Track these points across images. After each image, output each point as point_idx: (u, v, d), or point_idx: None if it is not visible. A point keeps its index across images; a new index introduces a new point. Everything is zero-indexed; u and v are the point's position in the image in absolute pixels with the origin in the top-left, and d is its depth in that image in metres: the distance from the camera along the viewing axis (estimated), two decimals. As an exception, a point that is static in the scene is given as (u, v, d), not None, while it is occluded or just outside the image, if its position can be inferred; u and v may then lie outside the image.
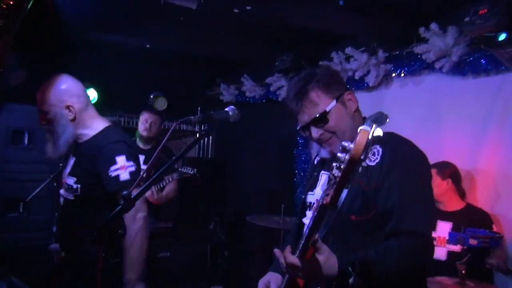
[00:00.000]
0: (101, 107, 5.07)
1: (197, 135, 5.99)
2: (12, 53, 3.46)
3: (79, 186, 2.21)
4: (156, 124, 4.32)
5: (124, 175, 2.11)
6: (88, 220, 2.10)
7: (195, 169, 4.07)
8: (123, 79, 4.87)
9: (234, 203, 5.54)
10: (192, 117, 1.64)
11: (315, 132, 1.62)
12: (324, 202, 1.12)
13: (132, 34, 4.17)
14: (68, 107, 2.24)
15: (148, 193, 3.83)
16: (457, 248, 2.91)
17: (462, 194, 3.17)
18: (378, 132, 1.08)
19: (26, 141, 4.40)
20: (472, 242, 2.55)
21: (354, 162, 1.05)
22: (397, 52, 3.73)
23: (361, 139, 1.04)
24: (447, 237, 2.99)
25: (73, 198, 2.24)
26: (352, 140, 1.60)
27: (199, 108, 6.08)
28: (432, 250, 1.50)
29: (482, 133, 3.24)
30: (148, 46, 4.42)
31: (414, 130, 1.93)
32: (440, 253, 3.05)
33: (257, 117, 5.11)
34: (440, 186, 3.09)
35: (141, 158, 3.86)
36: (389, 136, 1.60)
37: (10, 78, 4.09)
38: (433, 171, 3.06)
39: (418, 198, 1.47)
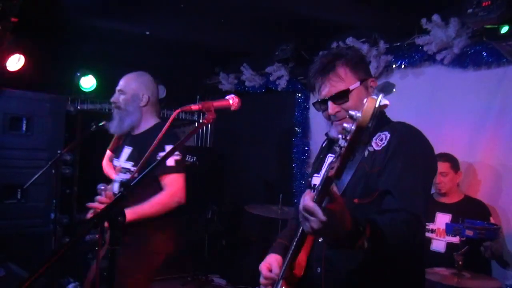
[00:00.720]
0: (100, 94, 5.10)
1: (196, 124, 5.97)
2: (10, 39, 3.44)
3: (135, 168, 2.49)
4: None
5: (170, 161, 2.40)
6: (144, 199, 2.40)
7: (195, 157, 4.07)
8: (122, 67, 4.79)
9: (232, 192, 5.55)
10: (192, 105, 1.63)
11: (332, 108, 1.60)
12: (329, 174, 1.10)
13: (132, 21, 4.14)
14: (143, 94, 2.63)
15: None
16: (456, 240, 2.94)
17: (459, 186, 3.20)
18: (385, 101, 1.07)
19: (24, 128, 4.38)
20: (469, 233, 2.56)
21: (361, 129, 1.03)
22: (398, 44, 3.71)
23: (368, 107, 1.02)
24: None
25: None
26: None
27: (198, 97, 6.06)
28: (422, 230, 1.52)
29: (482, 125, 3.25)
30: (147, 33, 4.39)
31: (414, 122, 1.90)
32: (439, 245, 3.07)
33: (256, 107, 5.10)
34: (453, 180, 3.13)
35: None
36: (399, 124, 1.62)
37: (8, 64, 4.07)
38: (447, 165, 3.09)
39: (416, 183, 1.47)
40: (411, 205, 1.41)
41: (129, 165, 2.57)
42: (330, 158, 1.71)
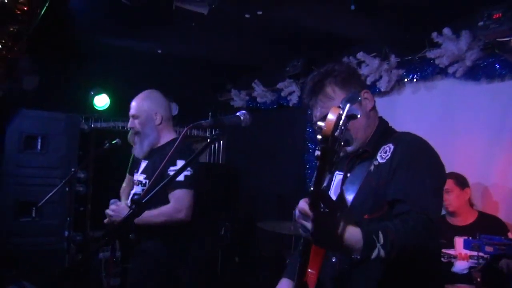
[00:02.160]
0: (113, 113, 5.16)
1: (208, 140, 6.00)
2: (26, 59, 3.51)
3: (147, 181, 2.58)
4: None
5: (180, 177, 2.32)
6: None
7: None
8: (135, 85, 4.87)
9: (244, 209, 5.52)
10: (203, 121, 1.64)
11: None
12: (311, 189, 1.12)
13: (144, 40, 4.20)
14: (156, 113, 2.68)
15: None
16: (477, 262, 2.83)
17: (471, 203, 3.10)
18: (354, 111, 1.10)
19: (39, 146, 4.45)
20: (488, 249, 2.49)
21: (326, 138, 1.05)
22: (409, 57, 3.69)
23: (330, 116, 1.06)
24: (468, 253, 2.90)
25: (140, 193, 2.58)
26: (366, 138, 1.60)
27: (209, 114, 6.10)
28: (436, 232, 1.46)
29: (497, 139, 3.18)
30: (159, 51, 4.45)
31: (426, 136, 1.88)
32: (461, 267, 2.95)
33: (268, 123, 5.11)
34: (459, 197, 3.00)
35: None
36: (403, 134, 1.60)
37: (24, 84, 4.15)
38: (451, 182, 2.99)
39: (426, 188, 1.43)
40: (421, 207, 1.37)
41: (142, 177, 2.65)
42: (338, 176, 1.68)
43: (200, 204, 2.65)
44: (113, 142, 3.37)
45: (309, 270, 1.50)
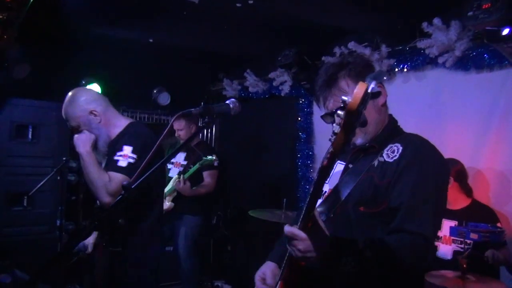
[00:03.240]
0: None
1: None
2: (16, 47, 3.48)
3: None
4: (183, 129, 4.32)
5: (122, 163, 2.28)
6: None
7: (214, 155, 4.24)
8: (126, 74, 4.87)
9: (236, 198, 5.55)
10: (192, 109, 1.65)
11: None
12: (323, 164, 1.13)
13: (135, 29, 4.18)
14: (91, 112, 2.43)
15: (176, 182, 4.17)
16: (462, 247, 2.90)
17: (468, 192, 3.12)
18: (378, 89, 1.13)
19: (30, 136, 4.43)
20: (473, 236, 2.55)
21: (351, 113, 1.06)
22: (400, 47, 3.71)
23: (358, 92, 1.06)
24: (452, 237, 2.97)
25: None
26: (375, 133, 1.62)
27: (202, 104, 6.09)
28: (431, 255, 1.51)
29: (486, 128, 3.23)
30: (151, 41, 4.43)
31: (417, 125, 1.91)
32: (445, 251, 3.03)
33: (260, 112, 5.12)
34: (452, 187, 3.06)
35: (183, 155, 4.45)
36: (412, 136, 1.62)
37: (14, 72, 4.12)
38: None
39: (429, 201, 1.46)
40: (420, 225, 1.40)
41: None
42: (339, 165, 1.70)
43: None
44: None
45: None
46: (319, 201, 1.69)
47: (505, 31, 2.74)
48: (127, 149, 2.30)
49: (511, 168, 3.09)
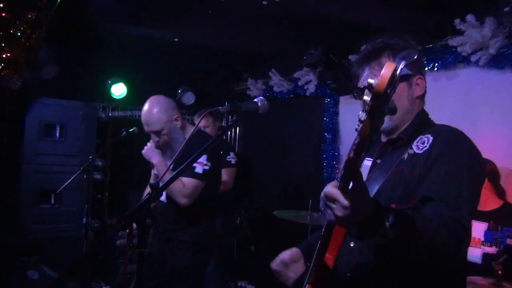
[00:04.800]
0: (130, 101, 5.18)
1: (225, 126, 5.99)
2: (44, 47, 3.53)
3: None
4: (209, 126, 4.32)
5: (198, 169, 2.57)
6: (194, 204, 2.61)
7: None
8: (151, 74, 4.91)
9: (261, 198, 5.52)
10: (220, 107, 1.62)
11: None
12: (350, 156, 1.03)
13: (161, 28, 4.19)
14: (176, 118, 2.70)
15: None
16: (492, 250, 2.79)
17: (500, 193, 3.02)
18: (406, 70, 1.02)
19: (57, 134, 4.50)
20: (510, 242, 2.44)
21: (379, 95, 0.95)
22: (431, 45, 3.61)
23: (386, 72, 0.96)
24: (482, 238, 2.87)
25: None
26: (403, 122, 1.54)
27: (226, 104, 6.07)
28: (467, 244, 1.38)
29: (521, 129, 3.11)
30: (176, 40, 4.43)
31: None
32: (475, 254, 2.92)
33: (284, 112, 5.07)
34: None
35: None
36: (443, 127, 1.53)
37: (43, 72, 4.19)
38: None
39: (463, 189, 1.34)
40: (455, 211, 1.29)
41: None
42: (366, 162, 1.60)
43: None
44: (130, 130, 3.40)
45: (326, 255, 1.47)
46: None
47: (544, 28, 2.63)
48: (203, 158, 2.57)
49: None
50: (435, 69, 3.61)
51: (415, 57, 1.10)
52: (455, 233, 1.26)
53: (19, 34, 2.98)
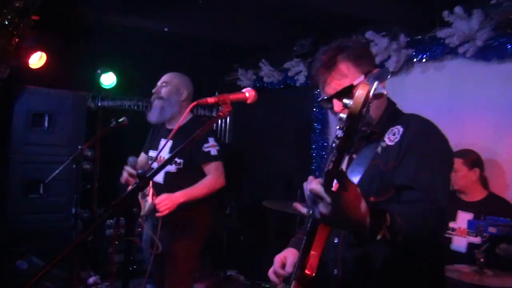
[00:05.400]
0: (120, 91, 5.15)
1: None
2: (32, 36, 3.50)
3: (182, 160, 2.83)
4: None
5: (213, 151, 2.82)
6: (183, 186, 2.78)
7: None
8: (141, 63, 4.88)
9: (250, 188, 5.55)
10: (208, 98, 1.63)
11: (337, 106, 1.55)
12: (329, 168, 1.06)
13: (151, 18, 4.16)
14: (183, 91, 2.96)
15: None
16: (477, 239, 2.85)
17: (484, 183, 3.09)
18: (382, 90, 1.04)
19: (46, 124, 4.47)
20: (492, 230, 2.49)
21: (353, 117, 0.99)
22: (419, 37, 3.63)
23: (360, 94, 0.99)
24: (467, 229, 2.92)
25: (175, 171, 2.84)
26: (374, 117, 1.56)
27: (216, 94, 6.05)
28: (446, 222, 1.44)
29: (506, 120, 3.15)
30: (166, 30, 4.41)
31: (435, 117, 1.86)
32: (460, 244, 2.99)
33: (274, 102, 5.08)
34: (466, 177, 3.02)
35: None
36: (412, 116, 1.57)
37: (30, 61, 4.14)
38: (458, 161, 3.00)
39: (436, 174, 1.41)
40: (432, 196, 1.35)
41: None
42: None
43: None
44: (120, 120, 3.39)
45: (312, 252, 1.50)
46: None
47: (530, 20, 2.66)
48: (212, 140, 2.83)
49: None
50: (423, 60, 3.64)
51: (389, 76, 1.13)
52: (438, 216, 1.32)
53: (6, 22, 2.95)
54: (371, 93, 1.00)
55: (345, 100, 1.03)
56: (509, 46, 3.05)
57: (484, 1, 2.79)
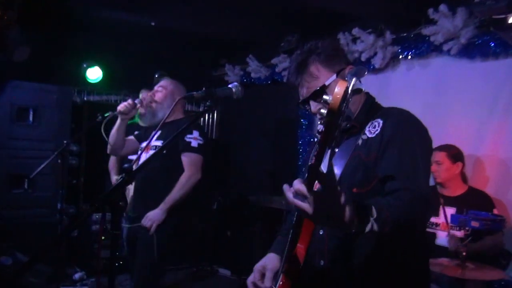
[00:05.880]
0: (106, 86, 5.11)
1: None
2: (16, 29, 3.45)
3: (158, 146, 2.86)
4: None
5: (194, 143, 2.86)
6: (161, 175, 2.85)
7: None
8: (128, 58, 4.85)
9: (237, 184, 5.56)
10: (195, 92, 1.63)
11: (314, 106, 1.60)
12: (311, 163, 1.10)
13: (137, 12, 4.14)
14: (176, 98, 2.96)
15: None
16: (460, 234, 2.90)
17: (464, 178, 3.15)
18: (358, 85, 1.09)
19: (31, 118, 4.42)
20: (474, 224, 2.54)
21: (333, 112, 1.04)
22: (405, 34, 3.68)
23: (339, 90, 1.04)
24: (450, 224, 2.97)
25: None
26: (353, 113, 1.60)
27: (203, 89, 6.05)
28: (430, 209, 1.48)
29: (489, 116, 3.22)
30: (153, 24, 4.38)
31: (420, 113, 1.88)
32: (443, 239, 3.04)
33: (261, 98, 5.09)
34: (450, 170, 3.05)
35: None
36: (391, 109, 1.60)
37: (15, 55, 4.08)
38: (442, 154, 3.04)
39: (418, 163, 1.44)
40: (415, 184, 1.39)
41: (158, 143, 2.90)
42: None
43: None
44: (106, 115, 3.35)
45: (298, 244, 1.51)
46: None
47: (512, 19, 2.71)
48: (196, 133, 2.86)
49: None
50: (409, 57, 3.69)
51: (366, 73, 1.18)
52: (423, 202, 1.37)
53: (-11, 15, 2.90)
54: (349, 89, 1.04)
55: (325, 97, 1.08)
56: (492, 44, 3.11)
57: (468, -1, 2.84)
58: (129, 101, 2.91)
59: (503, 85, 3.15)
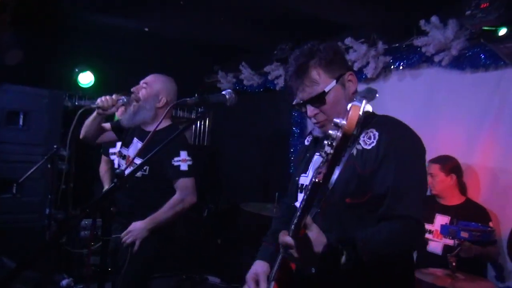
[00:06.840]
0: (98, 91, 5.08)
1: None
2: (9, 32, 3.43)
3: (148, 167, 2.59)
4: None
5: (184, 167, 2.57)
6: (153, 196, 2.59)
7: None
8: (120, 63, 4.83)
9: (228, 191, 5.55)
10: (188, 98, 1.63)
11: (310, 111, 1.60)
12: (317, 180, 1.11)
13: (131, 18, 4.14)
14: (162, 97, 2.69)
15: None
16: (452, 242, 2.92)
17: (462, 189, 3.16)
18: (368, 107, 1.09)
19: (21, 122, 4.37)
20: (464, 234, 2.56)
21: (347, 138, 1.05)
22: (397, 44, 3.71)
23: (353, 115, 1.04)
24: (443, 232, 2.99)
25: (140, 176, 2.58)
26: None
27: (196, 96, 6.04)
28: (423, 235, 1.52)
29: (479, 127, 3.25)
30: (146, 30, 4.38)
31: (411, 123, 1.90)
32: (436, 246, 3.05)
33: (254, 106, 5.10)
34: (444, 182, 3.09)
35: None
36: (385, 119, 1.59)
37: (6, 58, 4.05)
38: (436, 167, 3.07)
39: (412, 184, 1.46)
40: (410, 209, 1.42)
41: (139, 161, 2.59)
42: (317, 157, 1.68)
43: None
44: (94, 106, 3.30)
45: None
46: (302, 196, 1.67)
47: (502, 31, 2.75)
48: (183, 154, 2.58)
49: (503, 167, 3.11)
50: (400, 68, 3.72)
51: (376, 95, 1.20)
52: (413, 235, 1.45)
53: (-19, 17, 2.88)
54: (360, 112, 1.05)
55: (336, 120, 1.08)
56: (482, 56, 3.15)
57: (459, 11, 2.86)
58: (114, 96, 2.61)
59: (493, 96, 3.19)
